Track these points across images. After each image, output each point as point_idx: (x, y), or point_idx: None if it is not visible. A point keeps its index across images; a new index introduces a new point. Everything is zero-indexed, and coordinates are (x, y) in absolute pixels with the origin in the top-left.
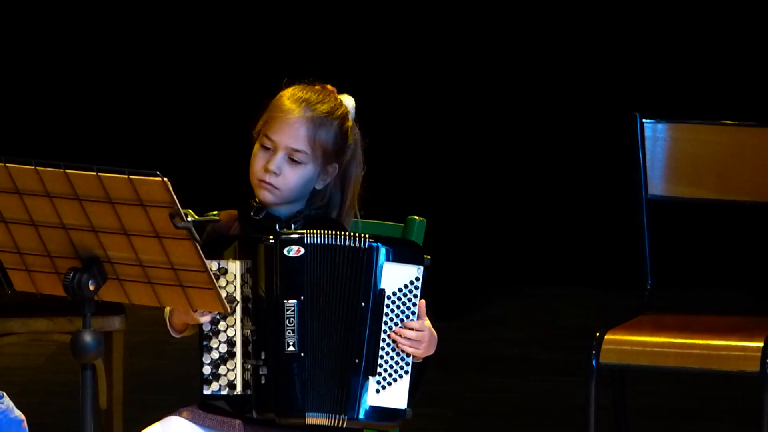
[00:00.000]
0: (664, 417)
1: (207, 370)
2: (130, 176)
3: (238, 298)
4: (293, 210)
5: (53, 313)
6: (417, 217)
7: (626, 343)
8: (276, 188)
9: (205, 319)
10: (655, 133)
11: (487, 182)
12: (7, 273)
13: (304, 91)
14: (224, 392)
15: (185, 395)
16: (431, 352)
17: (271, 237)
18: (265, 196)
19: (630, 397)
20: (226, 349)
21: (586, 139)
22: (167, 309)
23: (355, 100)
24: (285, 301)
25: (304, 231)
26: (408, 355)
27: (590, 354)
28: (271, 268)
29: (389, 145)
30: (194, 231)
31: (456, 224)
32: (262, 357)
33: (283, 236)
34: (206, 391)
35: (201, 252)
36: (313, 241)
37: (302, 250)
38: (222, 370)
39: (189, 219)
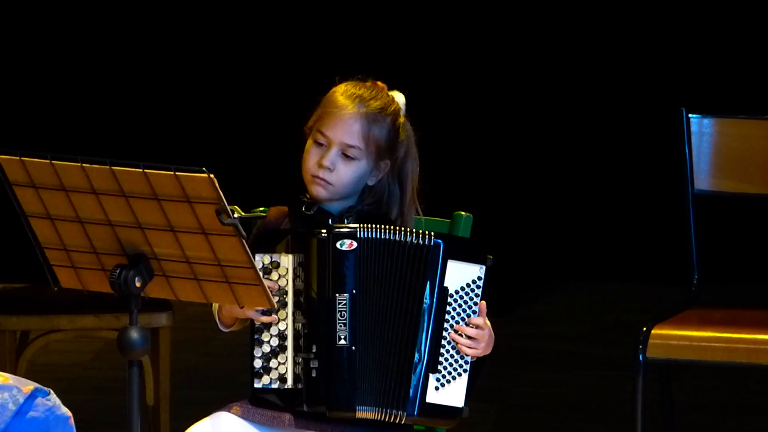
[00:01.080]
0: (712, 411)
1: (258, 363)
2: (176, 173)
3: (290, 291)
4: (345, 206)
5: (100, 309)
6: (463, 213)
7: (673, 337)
8: (329, 184)
9: (252, 314)
10: (701, 128)
11: (533, 177)
12: (53, 270)
13: (357, 88)
14: (275, 386)
15: (233, 391)
16: (489, 351)
17: (323, 231)
18: (318, 191)
19: (677, 391)
20: (277, 342)
21: (633, 135)
22: (215, 306)
23: (405, 95)
24: (337, 295)
25: (357, 225)
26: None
27: (637, 349)
28: (323, 261)
29: (435, 141)
30: (240, 227)
31: (503, 220)
32: (314, 350)
33: (336, 230)
34: (257, 385)
35: (247, 248)
36: (367, 235)
37: (355, 244)
38: (273, 363)
39: (235, 215)
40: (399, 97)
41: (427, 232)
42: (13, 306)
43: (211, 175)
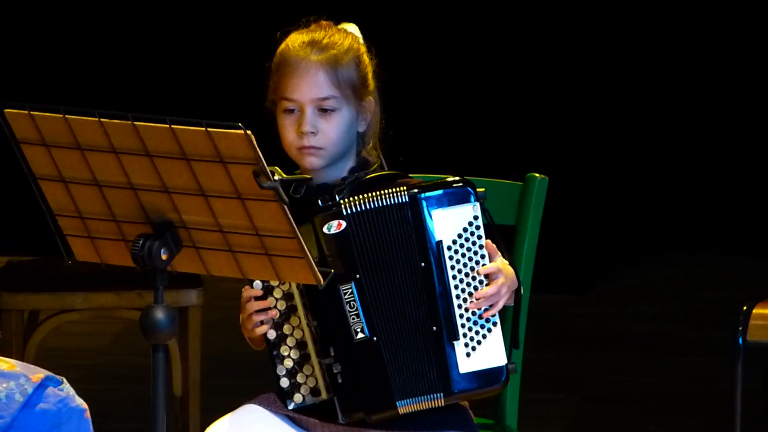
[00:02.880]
0: None
1: (285, 382)
2: (209, 128)
3: (296, 294)
4: (343, 170)
5: (120, 286)
6: (538, 175)
7: None
8: (320, 149)
9: (260, 331)
10: None
11: (624, 137)
12: (67, 241)
13: (304, 34)
14: (309, 402)
15: (269, 381)
16: (514, 289)
17: (308, 217)
18: (312, 162)
19: None
20: (298, 353)
21: (733, 86)
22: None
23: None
24: (339, 286)
25: (341, 201)
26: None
27: (737, 331)
28: (318, 248)
29: (511, 95)
30: (282, 191)
31: (586, 184)
32: (332, 353)
33: (318, 213)
34: (290, 406)
35: (290, 215)
36: (353, 209)
37: (344, 224)
38: (300, 378)
39: (276, 178)
40: (351, 28)
41: (401, 188)
42: (21, 282)
43: (248, 132)
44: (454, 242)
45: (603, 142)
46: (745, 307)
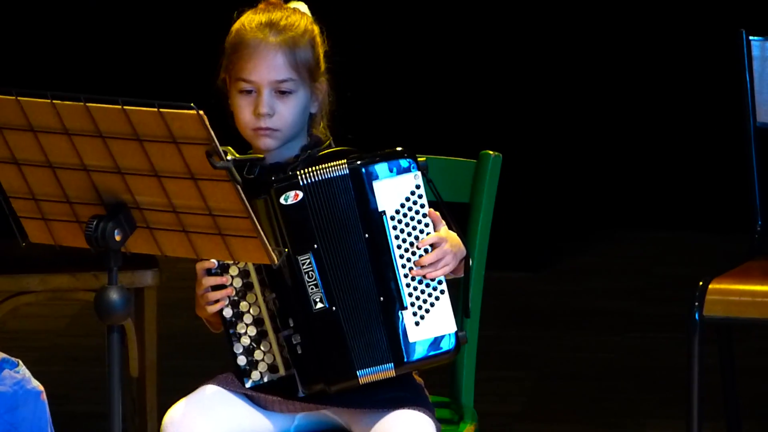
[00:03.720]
0: None
1: (242, 360)
2: (161, 109)
3: (252, 270)
4: (295, 149)
5: (75, 267)
6: (491, 152)
7: (734, 293)
8: (275, 130)
9: (215, 308)
10: (764, 52)
11: (574, 113)
12: (21, 223)
13: (260, 14)
14: (267, 379)
15: (227, 361)
16: (461, 257)
17: (265, 190)
18: (266, 142)
19: (739, 355)
20: (255, 330)
21: (685, 62)
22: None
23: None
24: (297, 257)
25: (297, 172)
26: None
27: (693, 306)
28: (272, 223)
29: (463, 71)
30: (235, 171)
31: (540, 161)
32: (291, 324)
33: (277, 185)
34: (248, 384)
35: (243, 195)
36: (310, 180)
37: (300, 194)
38: (258, 355)
39: (229, 158)
40: (302, 7)
41: (342, 161)
42: None
43: (201, 112)
44: (397, 212)
45: (558, 119)
46: (701, 283)
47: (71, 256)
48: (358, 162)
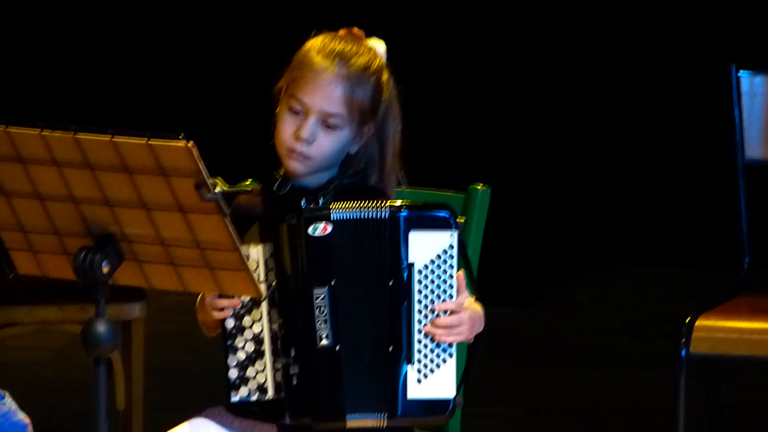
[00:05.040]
0: (765, 415)
1: (234, 373)
2: (150, 141)
3: (264, 288)
4: (323, 179)
5: (63, 300)
6: (480, 186)
7: (721, 329)
8: (308, 158)
9: (220, 315)
10: (752, 87)
11: (565, 149)
12: (9, 254)
13: (336, 42)
14: (254, 397)
15: (215, 395)
16: (478, 330)
17: (293, 215)
18: (295, 167)
19: (725, 392)
20: (253, 348)
21: (673, 97)
22: (198, 304)
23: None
24: (313, 289)
25: (331, 205)
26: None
27: (680, 343)
28: (295, 251)
29: (451, 106)
30: (223, 204)
31: (529, 195)
32: (292, 354)
33: (307, 213)
34: (234, 398)
35: (231, 228)
36: (341, 216)
37: (329, 228)
38: (250, 372)
39: (218, 190)
40: (380, 47)
41: (385, 203)
42: None
43: (190, 143)
44: (426, 267)
45: (548, 154)
46: (688, 319)
47: (59, 288)
48: (398, 207)
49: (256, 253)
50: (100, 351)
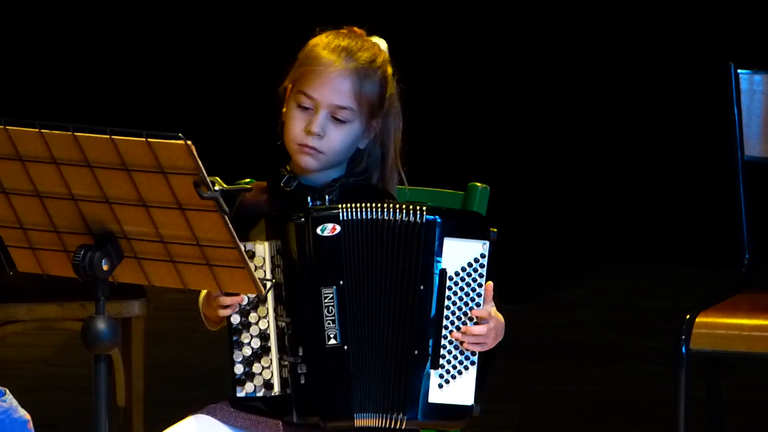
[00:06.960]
0: (765, 411)
1: (239, 369)
2: (149, 139)
3: (268, 285)
4: (330, 177)
5: (63, 297)
6: (479, 184)
7: (721, 326)
8: (320, 152)
9: (225, 313)
10: (752, 85)
11: (564, 146)
12: (8, 252)
13: (341, 38)
14: (260, 393)
15: (216, 391)
16: (499, 340)
17: (301, 214)
18: (307, 161)
19: (725, 388)
20: (259, 344)
21: (674, 95)
22: (201, 298)
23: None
24: (322, 289)
25: (340, 205)
26: None
27: (680, 339)
28: (303, 250)
29: (450, 105)
30: (222, 202)
31: (528, 193)
32: (300, 353)
33: (315, 213)
34: (240, 394)
35: (230, 225)
36: (351, 216)
37: (338, 228)
38: (256, 368)
39: (216, 188)
40: (382, 44)
41: (419, 207)
42: None
43: (189, 142)
44: (457, 274)
45: (547, 152)
46: (688, 316)
47: (59, 286)
48: (435, 212)
49: (262, 250)
50: (101, 348)
